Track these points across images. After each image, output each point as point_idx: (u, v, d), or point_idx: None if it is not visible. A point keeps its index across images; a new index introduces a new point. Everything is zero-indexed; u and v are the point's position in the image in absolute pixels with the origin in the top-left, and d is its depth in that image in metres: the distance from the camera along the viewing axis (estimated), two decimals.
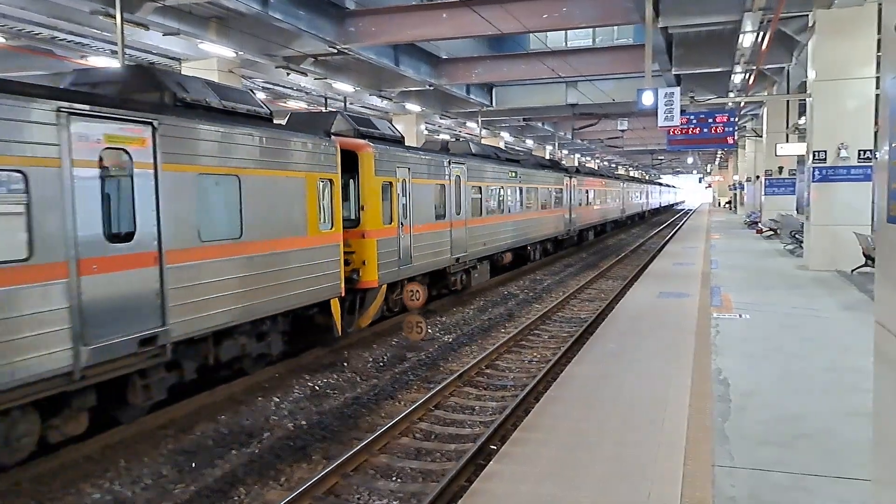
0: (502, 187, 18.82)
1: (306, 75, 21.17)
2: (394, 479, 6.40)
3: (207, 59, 18.47)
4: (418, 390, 9.17)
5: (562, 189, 25.95)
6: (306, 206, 9.62)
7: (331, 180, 10.21)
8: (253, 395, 8.65)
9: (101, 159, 6.49)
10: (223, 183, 8.12)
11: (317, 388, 9.12)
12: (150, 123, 7.03)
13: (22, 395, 5.79)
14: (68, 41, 16.90)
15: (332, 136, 10.58)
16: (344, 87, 23.04)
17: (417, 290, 10.92)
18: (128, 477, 6.30)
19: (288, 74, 21.16)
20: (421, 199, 13.42)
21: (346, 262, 10.79)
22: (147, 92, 7.73)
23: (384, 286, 11.80)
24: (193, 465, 6.61)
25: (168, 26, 15.58)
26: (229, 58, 18.51)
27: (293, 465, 6.69)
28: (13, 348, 5.61)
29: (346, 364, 10.22)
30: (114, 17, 13.09)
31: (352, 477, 6.37)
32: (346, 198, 11.24)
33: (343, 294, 10.48)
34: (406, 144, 14.11)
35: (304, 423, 7.80)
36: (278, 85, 24.09)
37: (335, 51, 18.84)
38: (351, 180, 11.43)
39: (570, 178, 27.54)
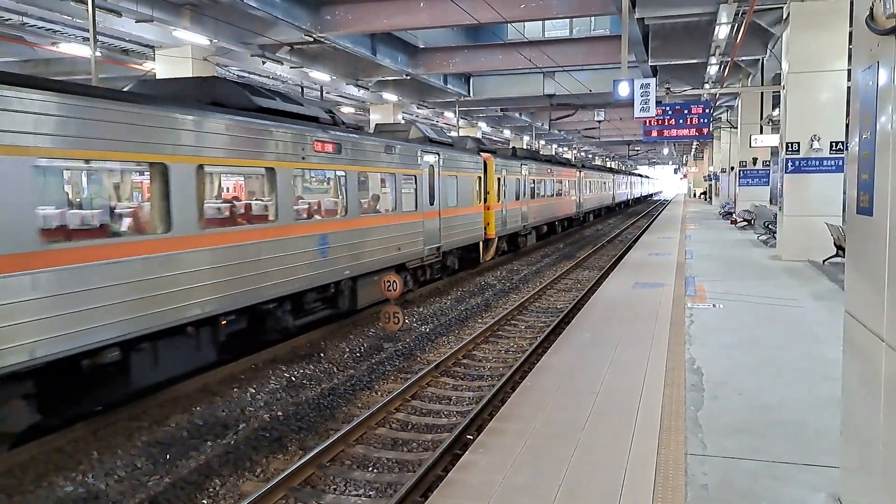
0: (543, 179, 26.46)
1: (282, 64, 20.95)
2: (370, 469, 6.40)
3: (181, 46, 18.17)
4: (395, 381, 9.17)
5: (575, 181, 33.55)
6: (473, 191, 17.68)
7: (480, 177, 18.45)
8: (228, 386, 8.59)
9: (428, 170, 14.51)
10: (453, 180, 16.08)
11: (293, 378, 9.08)
12: (438, 154, 15.17)
13: (412, 266, 13.87)
14: (39, 27, 16.52)
15: (479, 153, 19.14)
16: (320, 76, 22.85)
17: (394, 281, 11.00)
18: (101, 469, 6.22)
19: (263, 63, 20.92)
20: (510, 187, 21.44)
21: None
22: (417, 136, 15.01)
23: (497, 238, 20.00)
24: (168, 456, 6.55)
25: (141, 13, 15.29)
26: (204, 46, 18.22)
27: (269, 456, 6.66)
28: (414, 244, 13.72)
29: (322, 355, 10.19)
30: (85, 2, 12.83)
31: (328, 468, 6.36)
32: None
33: (484, 239, 18.95)
34: (496, 152, 21.80)
35: (280, 413, 7.76)
36: (254, 73, 23.79)
37: (311, 39, 18.66)
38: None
39: (580, 171, 35.34)
